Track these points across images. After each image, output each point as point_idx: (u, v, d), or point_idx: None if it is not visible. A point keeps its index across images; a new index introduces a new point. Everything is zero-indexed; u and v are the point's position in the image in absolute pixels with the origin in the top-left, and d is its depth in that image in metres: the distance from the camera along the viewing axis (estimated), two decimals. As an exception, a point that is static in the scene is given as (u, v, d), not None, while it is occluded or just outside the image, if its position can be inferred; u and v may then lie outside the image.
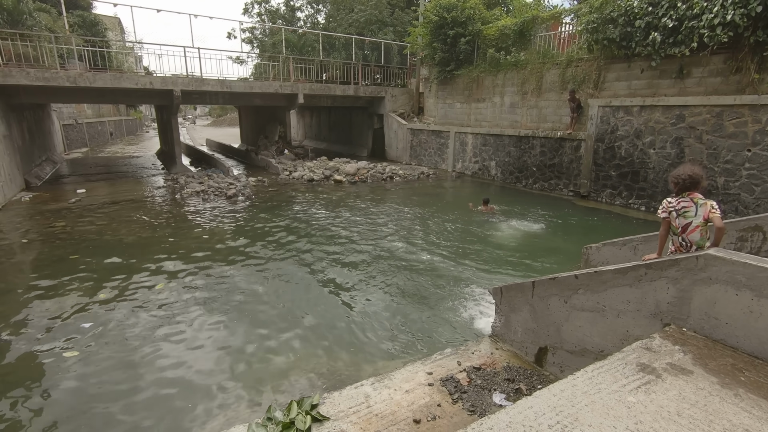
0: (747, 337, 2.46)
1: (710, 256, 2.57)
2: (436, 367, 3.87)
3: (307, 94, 17.21)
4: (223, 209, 10.35)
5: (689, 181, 2.86)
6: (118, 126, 35.23)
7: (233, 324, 4.96)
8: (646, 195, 10.07)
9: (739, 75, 8.43)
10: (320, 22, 31.09)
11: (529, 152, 12.96)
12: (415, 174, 15.26)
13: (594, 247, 5.19)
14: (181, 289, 5.86)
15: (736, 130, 8.38)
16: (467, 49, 15.09)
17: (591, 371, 2.29)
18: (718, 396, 2.09)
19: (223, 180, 13.52)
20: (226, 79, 15.55)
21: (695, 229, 2.84)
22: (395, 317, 5.12)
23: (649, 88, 10.04)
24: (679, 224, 2.95)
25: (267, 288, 5.95)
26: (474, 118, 15.65)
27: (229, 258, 7.07)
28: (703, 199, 2.83)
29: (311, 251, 7.40)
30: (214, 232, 8.52)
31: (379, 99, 19.12)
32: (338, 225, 8.98)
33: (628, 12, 9.58)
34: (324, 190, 12.98)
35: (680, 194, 2.92)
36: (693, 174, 2.85)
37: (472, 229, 8.76)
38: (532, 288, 3.79)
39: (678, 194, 2.94)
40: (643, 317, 2.96)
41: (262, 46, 28.77)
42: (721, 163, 8.67)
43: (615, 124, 10.43)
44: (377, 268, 6.64)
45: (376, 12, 25.76)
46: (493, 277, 6.25)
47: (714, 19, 8.09)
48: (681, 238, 2.95)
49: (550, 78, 12.52)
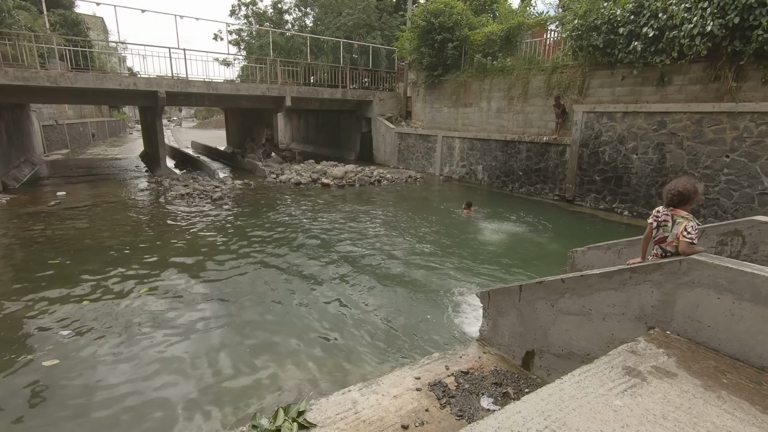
0: (729, 340, 2.50)
1: (693, 260, 2.61)
2: (424, 372, 3.86)
3: (295, 97, 17.13)
4: (208, 213, 10.21)
5: (677, 198, 2.90)
6: (100, 127, 34.55)
7: (218, 330, 4.87)
8: (629, 199, 10.26)
9: (718, 83, 8.67)
10: (308, 25, 31.04)
11: (515, 157, 13.10)
12: (403, 178, 15.29)
13: (579, 250, 5.25)
14: (165, 294, 5.74)
15: (715, 137, 8.60)
16: (454, 54, 15.23)
17: (578, 375, 2.31)
18: (702, 398, 2.12)
19: (209, 183, 13.35)
20: (212, 81, 15.39)
21: (671, 243, 2.88)
22: (383, 322, 5.09)
23: (632, 94, 10.25)
24: (657, 235, 3.00)
25: (252, 293, 5.87)
26: (461, 123, 15.77)
27: (214, 262, 6.96)
28: (682, 218, 2.86)
29: (297, 255, 7.34)
30: (198, 235, 8.39)
31: (367, 102, 19.14)
32: (325, 229, 8.92)
33: (611, 20, 9.79)
34: (311, 193, 12.91)
35: (667, 207, 2.96)
36: (682, 191, 2.87)
37: (459, 234, 8.80)
38: (519, 292, 3.81)
39: (666, 206, 2.98)
40: (628, 321, 2.99)
41: (249, 48, 28.59)
42: (701, 169, 8.88)
43: (599, 129, 10.61)
44: (364, 272, 6.61)
45: (364, 16, 25.84)
46: (480, 281, 6.28)
47: (693, 30, 8.30)
48: (659, 247, 3.00)
49: (535, 84, 12.69)
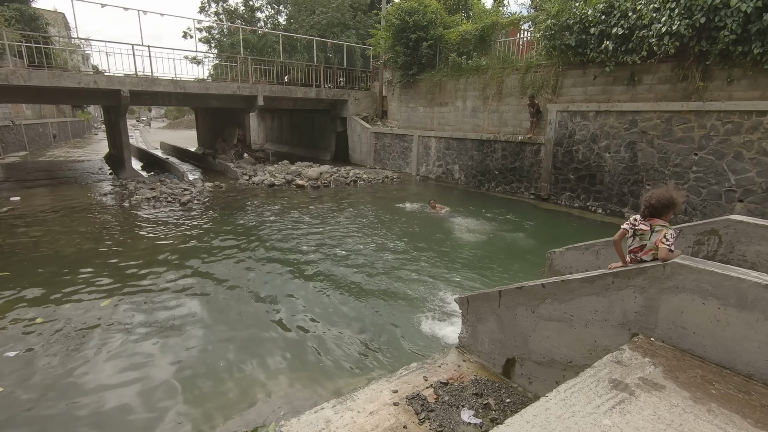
0: (714, 346, 2.42)
1: (677, 265, 2.51)
2: (401, 384, 3.67)
3: (267, 96, 16.69)
4: (177, 217, 9.74)
5: (652, 209, 2.80)
6: (62, 128, 32.96)
7: (183, 344, 4.56)
8: (602, 197, 10.38)
9: (686, 82, 8.84)
10: (281, 24, 30.45)
11: (491, 156, 13.11)
12: (379, 178, 15.10)
13: (558, 251, 5.18)
14: (127, 307, 5.36)
15: (684, 135, 8.77)
16: (429, 53, 15.14)
17: (564, 392, 2.16)
18: (692, 413, 2.01)
19: (177, 185, 12.81)
20: (180, 80, 14.80)
21: (648, 251, 2.79)
22: (358, 331, 4.88)
23: (604, 94, 10.38)
24: (632, 244, 2.91)
25: (220, 304, 5.55)
26: (437, 122, 15.70)
27: (181, 270, 6.59)
28: (661, 226, 2.77)
29: (269, 262, 7.04)
30: (165, 242, 7.96)
31: (342, 102, 18.86)
32: (298, 233, 8.64)
33: (583, 20, 9.87)
34: (285, 195, 12.56)
35: (644, 217, 2.87)
36: (656, 204, 2.78)
37: (436, 235, 8.67)
38: (498, 297, 3.68)
39: (642, 216, 2.88)
40: (610, 327, 2.89)
41: (219, 46, 27.80)
42: (671, 167, 9.05)
43: (572, 128, 10.70)
44: (338, 279, 6.38)
45: (338, 14, 25.51)
46: (458, 284, 6.16)
47: (662, 29, 8.43)
48: (634, 255, 2.90)
49: (510, 83, 12.73)
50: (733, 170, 8.24)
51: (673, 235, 2.71)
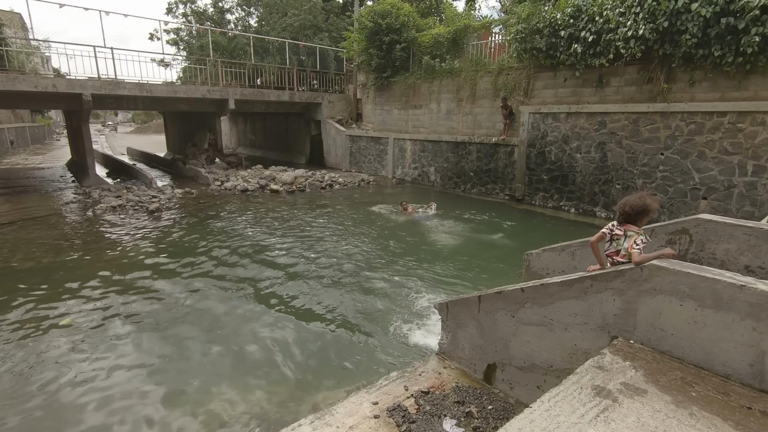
0: (692, 348, 2.42)
1: (654, 267, 2.51)
2: (381, 395, 3.57)
3: (239, 100, 16.32)
4: (143, 226, 9.34)
5: (625, 215, 2.82)
6: (20, 134, 31.37)
7: (149, 362, 4.31)
8: (575, 197, 10.59)
9: (651, 84, 9.12)
10: (252, 26, 29.93)
11: (466, 158, 13.20)
12: (355, 181, 14.98)
13: (534, 253, 5.19)
14: (91, 324, 5.05)
15: (651, 135, 9.04)
16: (403, 55, 15.15)
17: (548, 401, 2.11)
18: (675, 418, 1.99)
19: (145, 193, 12.33)
20: (146, 83, 14.29)
21: (623, 256, 2.81)
22: (335, 340, 4.75)
23: (574, 96, 10.60)
24: (609, 248, 2.92)
25: (190, 317, 5.31)
26: (412, 125, 15.71)
27: (148, 283, 6.29)
28: (633, 232, 2.79)
29: (241, 271, 6.80)
30: (131, 253, 7.60)
31: (316, 105, 18.65)
32: (272, 240, 8.42)
33: (552, 23, 10.05)
34: (259, 201, 12.27)
35: (620, 223, 2.88)
36: (633, 209, 2.80)
37: (413, 239, 8.62)
38: (478, 302, 3.63)
39: (618, 222, 2.90)
40: (590, 330, 2.87)
41: (188, 48, 27.08)
42: (639, 166, 9.31)
43: (545, 130, 10.88)
44: (313, 286, 6.22)
45: (311, 17, 25.27)
46: (436, 289, 6.10)
47: (628, 33, 8.68)
48: (611, 258, 2.91)
49: (483, 85, 12.85)
50: (697, 169, 8.54)
51: (644, 241, 2.73)
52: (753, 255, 3.53)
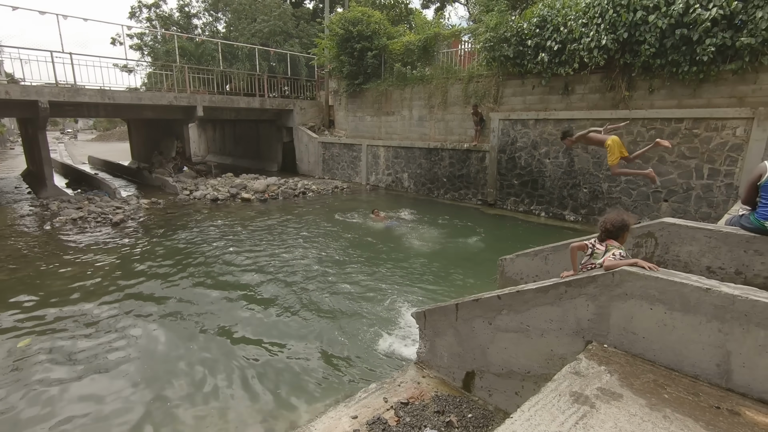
0: (662, 350, 2.49)
1: (625, 272, 2.58)
2: (361, 408, 3.51)
3: (208, 107, 15.94)
4: (106, 239, 8.93)
5: (607, 233, 2.94)
6: (-30, 142, 29.50)
7: (113, 386, 4.09)
8: (544, 201, 10.86)
9: (613, 92, 9.49)
10: (220, 31, 29.39)
11: (438, 164, 13.33)
12: (329, 188, 14.87)
13: (508, 258, 5.27)
14: (49, 346, 4.76)
15: (614, 141, 9.37)
16: (374, 62, 15.21)
17: (528, 411, 2.12)
18: (650, 421, 2.03)
19: (108, 204, 11.81)
20: (108, 89, 13.74)
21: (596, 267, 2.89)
22: (311, 354, 4.65)
23: (541, 103, 10.90)
24: (586, 261, 3.00)
25: (155, 336, 5.08)
26: (385, 131, 15.77)
27: (112, 300, 5.99)
28: (614, 246, 2.90)
29: (211, 284, 6.58)
30: (93, 268, 7.24)
31: (288, 112, 18.44)
32: (244, 250, 8.21)
33: (519, 33, 10.33)
34: (230, 210, 11.97)
35: (601, 240, 2.98)
36: (614, 225, 2.94)
37: (387, 246, 8.61)
38: (455, 310, 3.63)
39: (600, 240, 3.00)
40: (565, 335, 2.92)
41: (153, 53, 26.28)
42: (605, 171, 9.64)
43: (514, 136, 11.13)
44: (286, 298, 6.08)
45: (281, 23, 25.04)
46: (412, 297, 6.09)
47: (591, 43, 9.01)
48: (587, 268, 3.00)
49: (454, 92, 13.05)
50: (658, 172, 8.88)
51: (622, 254, 2.83)
52: (713, 256, 3.69)
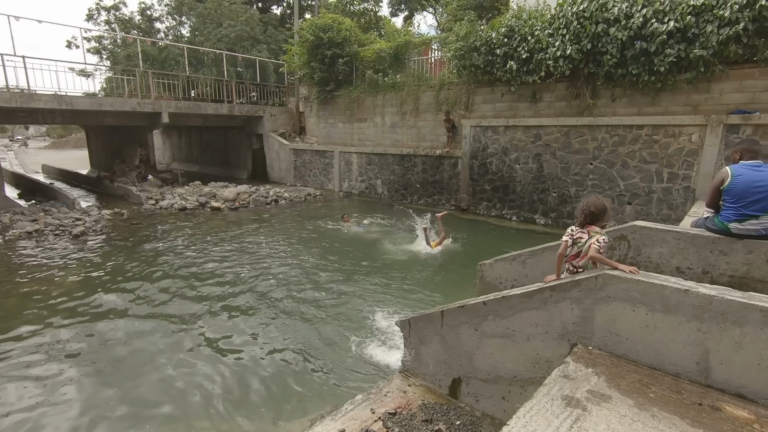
0: (645, 350, 2.58)
1: (608, 276, 2.66)
2: (348, 421, 3.45)
3: (174, 113, 15.43)
4: (68, 253, 8.44)
5: (590, 216, 3.00)
6: None
7: (69, 414, 3.84)
8: (515, 206, 11.13)
9: (579, 100, 9.88)
10: (185, 36, 28.60)
11: (412, 170, 13.44)
12: (302, 196, 14.69)
13: (487, 263, 5.35)
14: (6, 371, 4.42)
15: (581, 147, 9.76)
16: (346, 69, 15.21)
17: (523, 417, 2.13)
18: (640, 422, 2.09)
19: (67, 215, 11.18)
20: (66, 95, 13.07)
21: (584, 257, 2.96)
22: (291, 367, 4.54)
23: (510, 110, 11.21)
24: (570, 252, 3.07)
25: (122, 355, 4.83)
26: (357, 138, 15.76)
27: (72, 318, 5.64)
28: (596, 233, 2.97)
29: (182, 298, 6.31)
30: (51, 284, 6.81)
31: (258, 118, 18.12)
32: (216, 261, 7.95)
33: (488, 42, 10.60)
34: (200, 219, 11.59)
35: (582, 226, 3.04)
36: (594, 209, 2.99)
37: (362, 252, 8.56)
38: (441, 317, 3.64)
39: (581, 225, 3.06)
40: (551, 339, 2.98)
41: (113, 57, 25.21)
42: (572, 175, 9.99)
43: (485, 142, 11.37)
44: (262, 310, 5.92)
45: (248, 28, 24.64)
46: (392, 304, 6.07)
47: (557, 53, 9.35)
48: (570, 264, 3.07)
49: (426, 100, 13.22)
50: (622, 177, 9.33)
51: (606, 241, 2.91)
52: (682, 257, 3.87)
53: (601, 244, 2.88)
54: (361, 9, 23.97)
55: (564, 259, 3.12)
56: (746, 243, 3.52)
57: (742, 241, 3.54)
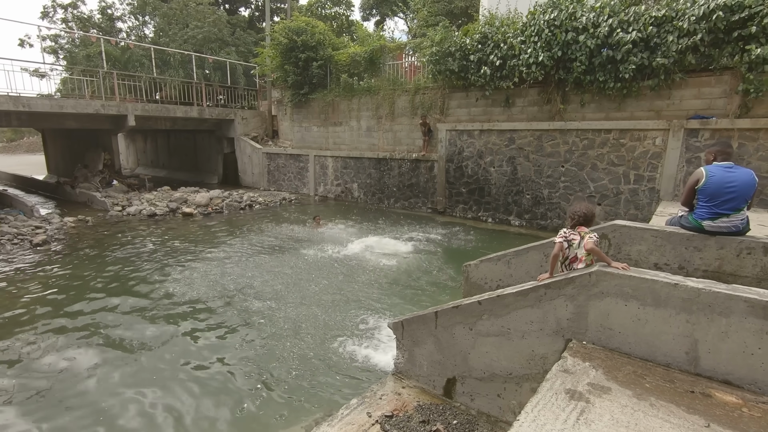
0: (637, 343, 2.70)
1: (601, 272, 2.77)
2: (345, 426, 3.41)
3: (140, 116, 14.86)
4: (28, 263, 7.96)
5: (582, 218, 3.15)
6: None
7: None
8: (491, 208, 11.38)
9: (550, 105, 10.24)
10: (148, 36, 27.65)
11: (388, 173, 13.49)
12: (276, 200, 14.46)
13: (473, 264, 5.43)
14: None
15: (553, 150, 10.10)
16: (320, 73, 15.13)
17: (531, 412, 2.18)
18: (641, 411, 2.18)
19: (25, 223, 10.54)
20: (22, 96, 12.35)
21: (581, 259, 3.07)
22: (280, 375, 4.45)
23: (485, 114, 11.47)
24: (567, 255, 3.18)
25: (104, 362, 4.61)
26: (332, 142, 15.68)
27: (34, 334, 5.32)
28: (586, 232, 3.11)
29: (156, 311, 6.02)
30: (10, 297, 6.40)
31: (229, 122, 17.72)
32: (191, 269, 7.69)
33: (463, 48, 10.83)
34: (171, 226, 11.19)
35: (573, 228, 3.17)
36: (586, 212, 3.16)
37: (344, 256, 8.52)
38: (435, 318, 3.67)
39: (572, 227, 3.18)
40: (546, 336, 3.06)
41: (70, 58, 24.04)
42: (545, 178, 10.32)
43: (461, 146, 11.58)
44: (244, 317, 5.76)
45: (216, 30, 24.11)
46: (374, 306, 6.07)
47: (529, 59, 9.66)
48: (570, 265, 3.17)
49: (401, 104, 13.33)
50: (592, 179, 9.72)
51: (597, 236, 3.08)
52: (660, 254, 4.07)
53: (594, 239, 3.02)
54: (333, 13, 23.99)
55: (562, 263, 3.23)
56: (718, 239, 3.75)
57: (715, 238, 3.76)
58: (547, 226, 10.39)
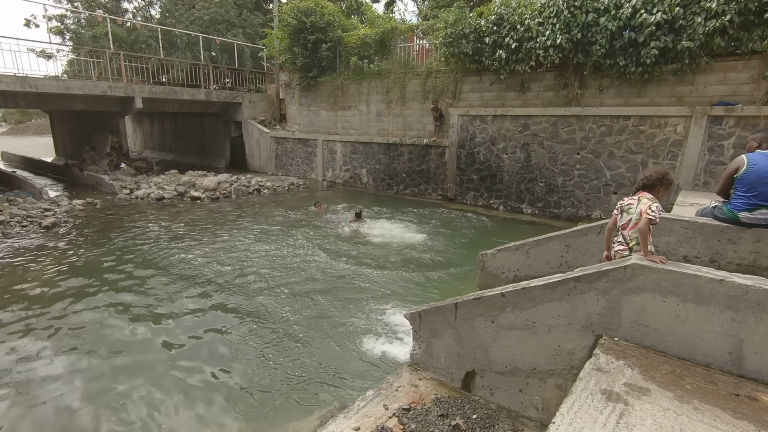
0: (675, 341, 2.55)
1: (637, 266, 2.61)
2: (361, 419, 3.32)
3: (147, 98, 14.68)
4: (39, 245, 7.92)
5: (644, 182, 2.93)
6: None
7: (50, 420, 3.58)
8: (503, 195, 11.17)
9: (567, 90, 9.93)
10: (154, 17, 27.27)
11: (398, 159, 13.28)
12: (285, 185, 14.33)
13: (489, 253, 5.30)
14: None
15: (568, 137, 9.83)
16: (329, 55, 14.81)
17: (567, 414, 2.06)
18: (685, 415, 2.05)
19: (34, 205, 10.50)
20: (29, 77, 12.21)
21: (634, 225, 2.89)
22: (293, 363, 4.37)
23: (499, 99, 11.17)
24: (620, 221, 3.01)
25: (114, 351, 4.55)
26: (341, 126, 15.45)
27: (44, 316, 5.29)
28: (647, 199, 2.88)
29: (171, 294, 5.99)
30: (21, 279, 6.36)
31: (236, 105, 17.50)
32: (204, 255, 7.62)
33: (477, 30, 10.47)
34: (179, 210, 11.12)
35: (634, 193, 2.98)
36: (650, 174, 2.91)
37: (353, 243, 8.39)
38: (454, 310, 3.54)
39: (634, 192, 3.00)
40: (574, 331, 2.92)
41: (77, 38, 23.78)
42: (559, 165, 10.07)
43: (473, 131, 11.32)
44: (258, 305, 5.69)
45: (222, 11, 23.68)
46: (388, 296, 5.96)
47: (546, 42, 9.33)
48: (621, 234, 3.01)
49: (412, 88, 13.03)
50: (608, 167, 9.46)
51: (659, 208, 2.81)
52: (690, 246, 3.89)
53: (655, 214, 2.77)
54: (342, -6, 23.42)
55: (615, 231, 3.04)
56: (755, 232, 3.56)
57: (751, 230, 3.57)
58: (560, 214, 10.19)
